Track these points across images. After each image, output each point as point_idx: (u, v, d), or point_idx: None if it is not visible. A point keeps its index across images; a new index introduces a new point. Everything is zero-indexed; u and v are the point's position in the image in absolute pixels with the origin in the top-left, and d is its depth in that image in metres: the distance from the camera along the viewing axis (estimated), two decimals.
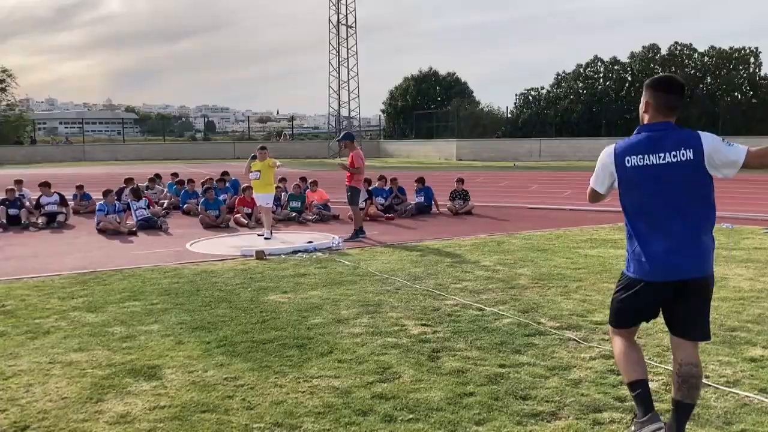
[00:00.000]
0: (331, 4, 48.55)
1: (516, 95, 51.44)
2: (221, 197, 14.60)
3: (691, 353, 3.41)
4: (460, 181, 15.63)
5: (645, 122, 3.47)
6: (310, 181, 15.43)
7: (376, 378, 4.53)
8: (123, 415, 3.99)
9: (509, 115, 50.23)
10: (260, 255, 9.27)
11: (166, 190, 17.33)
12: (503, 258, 9.07)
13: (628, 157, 3.40)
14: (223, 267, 8.71)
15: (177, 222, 13.92)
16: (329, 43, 48.85)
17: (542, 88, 50.39)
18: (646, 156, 3.35)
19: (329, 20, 48.86)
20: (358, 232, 11.36)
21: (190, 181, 16.52)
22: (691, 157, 3.27)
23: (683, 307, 3.39)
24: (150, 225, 12.89)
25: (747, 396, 4.15)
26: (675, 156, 3.29)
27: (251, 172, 11.62)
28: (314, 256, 9.38)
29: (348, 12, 48.55)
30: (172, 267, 8.73)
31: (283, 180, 15.69)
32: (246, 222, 13.39)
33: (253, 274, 8.19)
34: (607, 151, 3.51)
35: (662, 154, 3.32)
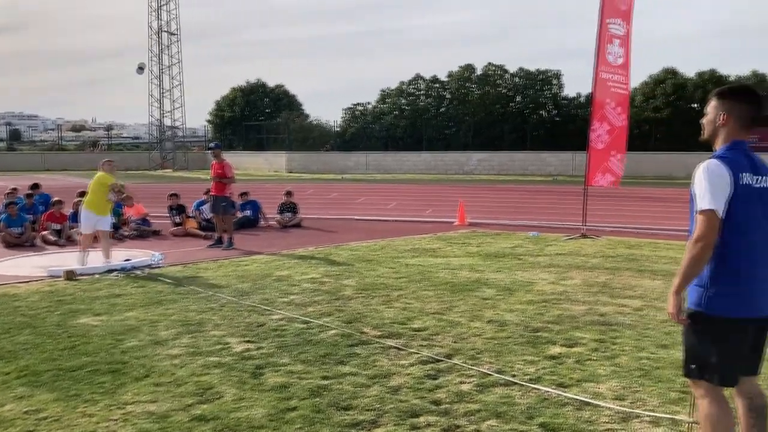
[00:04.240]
0: (151, 10, 46.49)
1: (343, 109, 52.39)
2: (27, 216, 13.31)
3: (757, 386, 3.23)
4: (289, 193, 15.61)
5: (725, 137, 3.13)
6: (123, 195, 14.47)
7: (196, 400, 4.38)
8: None
9: (337, 129, 51.02)
10: (70, 275, 8.60)
11: None
12: (330, 270, 9.17)
13: (740, 174, 2.99)
14: (27, 289, 7.97)
15: None
16: (149, 49, 46.69)
17: (368, 103, 51.79)
18: (752, 176, 3.02)
19: (149, 26, 46.71)
20: (231, 242, 11.71)
21: None
22: None
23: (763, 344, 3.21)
24: None
25: (547, 391, 4.53)
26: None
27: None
28: (132, 275, 8.88)
29: (170, 18, 46.75)
30: None
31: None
32: (54, 239, 12.37)
33: (62, 296, 7.58)
34: (715, 165, 3.00)
35: (760, 177, 3.04)
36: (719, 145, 3.16)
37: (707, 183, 2.97)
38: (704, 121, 3.24)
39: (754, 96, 3.14)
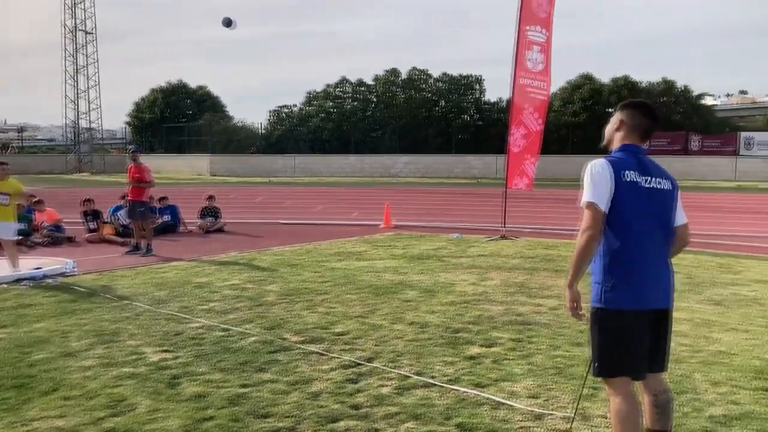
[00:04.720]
0: (66, 8, 44.74)
1: (269, 112, 51.79)
2: None
3: (662, 382, 3.38)
4: (211, 198, 15.31)
5: (618, 141, 3.39)
6: (34, 199, 13.82)
7: (108, 413, 4.23)
8: None
9: (263, 131, 50.41)
10: None
11: None
12: (253, 275, 9.04)
13: (623, 172, 3.21)
14: None
15: None
16: (64, 48, 44.93)
17: (294, 105, 51.44)
18: (637, 174, 3.23)
19: (64, 24, 44.95)
20: (149, 248, 11.41)
21: None
22: (670, 188, 3.31)
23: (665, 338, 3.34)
24: None
25: (465, 391, 4.61)
26: (660, 183, 3.28)
27: None
28: (43, 284, 8.50)
29: (86, 17, 45.12)
30: None
31: None
32: None
33: None
34: (599, 164, 3.24)
35: (649, 178, 3.25)
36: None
37: (589, 179, 3.22)
38: (605, 128, 3.49)
39: (649, 110, 3.43)
